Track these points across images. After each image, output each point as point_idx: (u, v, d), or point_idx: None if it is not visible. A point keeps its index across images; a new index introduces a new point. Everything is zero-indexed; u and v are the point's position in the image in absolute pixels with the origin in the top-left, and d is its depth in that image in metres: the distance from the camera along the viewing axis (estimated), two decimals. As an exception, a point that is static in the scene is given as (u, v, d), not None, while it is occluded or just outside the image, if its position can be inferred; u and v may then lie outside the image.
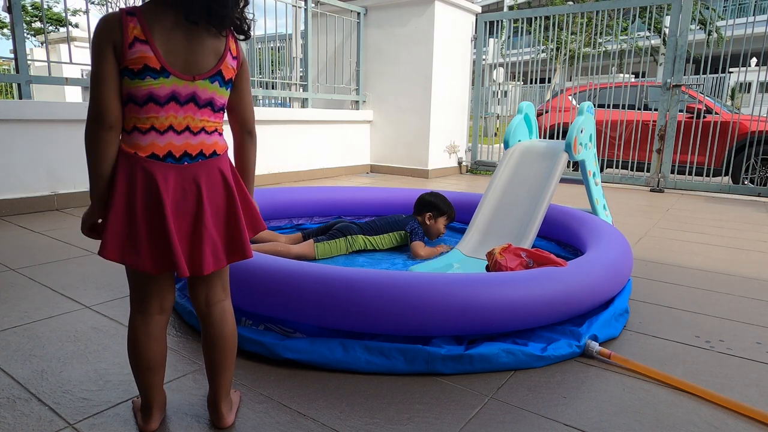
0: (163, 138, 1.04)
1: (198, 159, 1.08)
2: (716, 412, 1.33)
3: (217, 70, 1.08)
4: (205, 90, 1.07)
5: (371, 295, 1.50)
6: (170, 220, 1.04)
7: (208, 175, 1.09)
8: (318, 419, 1.26)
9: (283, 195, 3.15)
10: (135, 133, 1.04)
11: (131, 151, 1.04)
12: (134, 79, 1.01)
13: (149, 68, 1.01)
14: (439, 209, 2.83)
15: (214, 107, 1.10)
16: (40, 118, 3.58)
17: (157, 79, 1.02)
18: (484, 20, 6.69)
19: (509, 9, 21.21)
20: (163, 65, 1.02)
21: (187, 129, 1.07)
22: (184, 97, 1.05)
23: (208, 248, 1.08)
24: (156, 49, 1.01)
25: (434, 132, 6.23)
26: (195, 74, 1.05)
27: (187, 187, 1.07)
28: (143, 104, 1.03)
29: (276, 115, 5.50)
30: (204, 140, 1.09)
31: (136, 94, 1.02)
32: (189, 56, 1.04)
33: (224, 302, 1.21)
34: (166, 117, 1.04)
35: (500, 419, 1.28)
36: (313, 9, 5.85)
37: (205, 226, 1.07)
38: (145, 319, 1.14)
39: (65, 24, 8.31)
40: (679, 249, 3.06)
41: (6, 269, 2.35)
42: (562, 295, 1.65)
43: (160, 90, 1.03)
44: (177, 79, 1.04)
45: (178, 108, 1.05)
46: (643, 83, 6.21)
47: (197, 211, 1.08)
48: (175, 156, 1.06)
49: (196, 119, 1.08)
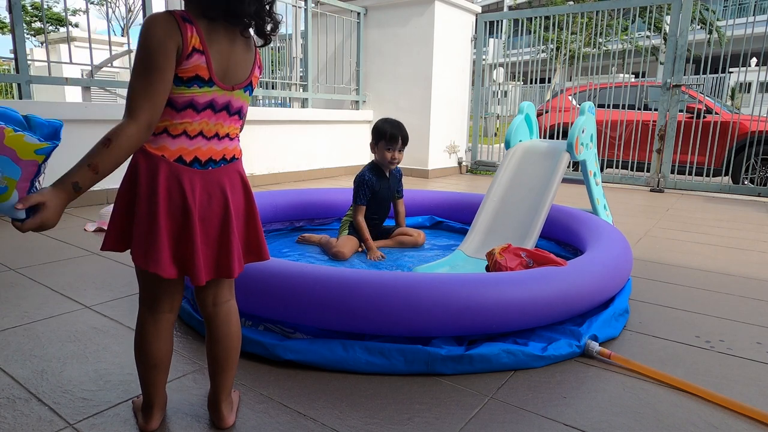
0: (192, 143, 1.05)
1: (221, 164, 1.09)
2: (716, 412, 1.33)
3: (250, 81, 1.10)
4: (239, 99, 1.10)
5: (371, 296, 1.50)
6: (197, 227, 1.05)
7: (230, 180, 1.11)
8: (318, 419, 1.26)
9: (284, 197, 3.14)
10: (164, 136, 1.03)
11: (158, 153, 1.03)
12: (180, 86, 1.01)
13: (199, 78, 1.01)
14: (376, 133, 2.62)
15: (242, 115, 1.13)
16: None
17: (202, 88, 1.02)
18: (484, 20, 6.69)
19: (509, 9, 21.20)
20: (212, 76, 1.02)
21: (215, 135, 1.08)
22: (219, 105, 1.06)
23: (235, 253, 1.10)
24: (210, 61, 1.01)
25: (434, 132, 6.23)
26: (234, 84, 1.07)
27: (213, 192, 1.08)
28: (181, 110, 1.02)
29: (276, 115, 5.50)
30: (227, 146, 1.11)
31: (176, 100, 1.02)
32: (230, 66, 1.05)
33: (230, 302, 1.21)
34: (199, 123, 1.05)
35: (500, 419, 1.28)
36: (313, 9, 5.85)
37: (232, 232, 1.09)
38: (155, 318, 1.15)
39: (65, 24, 8.30)
40: (679, 249, 3.06)
41: (6, 269, 2.35)
42: (562, 295, 1.65)
43: (201, 98, 1.03)
44: (218, 89, 1.05)
45: (212, 115, 1.06)
46: (643, 83, 6.21)
47: (224, 216, 1.09)
48: (201, 161, 1.06)
49: (225, 126, 1.09)
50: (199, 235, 1.05)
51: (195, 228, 1.04)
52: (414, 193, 3.54)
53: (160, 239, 1.02)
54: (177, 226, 1.04)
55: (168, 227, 1.03)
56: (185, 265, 1.06)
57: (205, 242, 1.07)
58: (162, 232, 1.02)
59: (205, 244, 1.07)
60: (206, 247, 1.08)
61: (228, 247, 1.09)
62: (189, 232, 1.04)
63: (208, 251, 1.08)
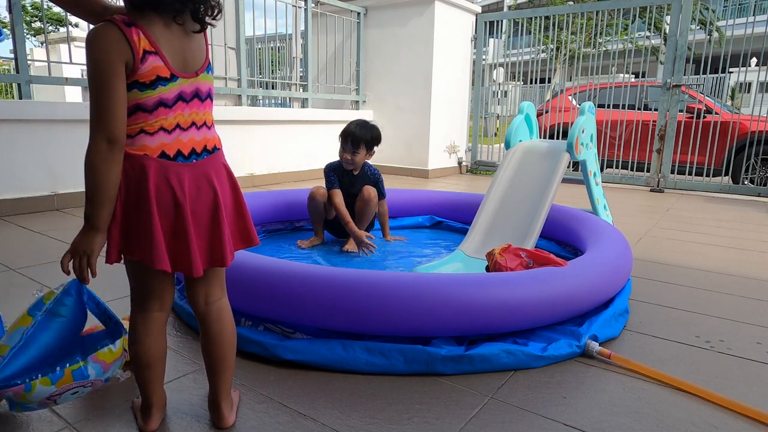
0: (171, 136, 1.05)
1: (204, 155, 1.09)
2: (716, 412, 1.33)
3: (209, 60, 1.10)
4: (205, 82, 1.10)
5: (371, 297, 1.50)
6: (189, 220, 1.05)
7: (216, 171, 1.11)
8: (318, 419, 1.26)
9: (285, 197, 3.14)
10: (142, 135, 1.03)
11: (140, 153, 1.03)
12: (145, 90, 1.00)
13: (161, 78, 1.00)
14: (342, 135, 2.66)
15: (211, 98, 1.13)
16: (40, 118, 3.58)
17: (167, 85, 1.02)
18: (484, 20, 6.69)
19: (509, 9, 21.21)
20: (173, 72, 1.02)
21: (193, 125, 1.08)
22: (189, 94, 1.06)
23: (227, 242, 1.11)
24: (165, 58, 1.00)
25: (434, 132, 6.23)
26: (196, 69, 1.07)
27: (201, 184, 1.08)
28: (153, 110, 1.02)
29: (276, 115, 5.50)
30: (206, 135, 1.11)
31: (146, 103, 1.01)
32: (186, 54, 1.05)
33: (222, 300, 1.21)
34: (174, 117, 1.05)
35: (500, 419, 1.28)
36: (313, 9, 5.85)
37: (223, 222, 1.10)
38: (145, 316, 1.15)
39: (65, 24, 8.31)
40: (679, 249, 3.06)
41: (6, 269, 2.35)
42: (562, 295, 1.65)
43: (169, 94, 1.03)
44: (183, 80, 1.05)
45: (185, 106, 1.06)
46: (643, 83, 6.21)
47: (214, 207, 1.10)
48: (185, 154, 1.06)
49: (200, 113, 1.09)
50: (192, 226, 1.06)
51: (188, 221, 1.05)
52: (414, 193, 3.54)
53: (155, 235, 1.03)
54: (169, 222, 1.05)
55: (161, 223, 1.04)
56: (180, 259, 1.07)
57: (197, 234, 1.08)
58: (156, 227, 1.03)
59: (197, 235, 1.08)
60: (199, 238, 1.08)
61: (220, 237, 1.10)
62: (182, 225, 1.05)
63: (201, 242, 1.09)
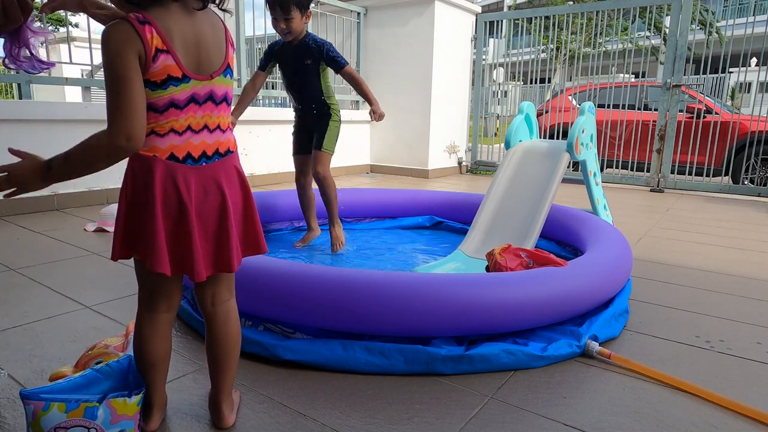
0: (181, 138, 1.04)
1: (215, 159, 1.09)
2: (716, 412, 1.33)
3: (227, 63, 1.08)
4: (221, 86, 1.08)
5: (371, 296, 1.50)
6: (194, 223, 1.04)
7: (226, 174, 1.10)
8: (318, 419, 1.26)
9: (285, 198, 3.14)
10: (152, 136, 1.02)
11: (149, 154, 1.02)
12: (156, 90, 0.99)
13: (172, 78, 0.99)
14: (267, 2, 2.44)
15: (228, 101, 1.11)
16: (40, 119, 3.58)
17: (179, 86, 1.01)
18: (484, 20, 6.69)
19: (509, 9, 21.20)
20: (185, 72, 1.01)
21: (205, 128, 1.07)
22: (202, 97, 1.05)
23: (234, 247, 1.10)
24: (177, 58, 0.99)
25: (434, 132, 6.23)
26: (211, 72, 1.06)
27: (209, 187, 1.07)
28: (164, 111, 1.02)
29: (276, 115, 5.50)
30: (219, 138, 1.10)
31: (156, 103, 1.00)
32: (201, 55, 1.04)
33: (229, 302, 1.21)
34: (186, 118, 1.04)
35: (500, 419, 1.28)
36: (313, 9, 5.84)
37: (230, 226, 1.09)
38: (152, 317, 1.15)
39: (65, 24, 8.31)
40: (679, 249, 3.06)
41: (6, 269, 2.35)
42: (562, 296, 1.65)
43: (181, 95, 1.02)
44: (196, 82, 1.03)
45: (197, 108, 1.05)
46: (643, 83, 6.21)
47: (222, 211, 1.09)
48: (194, 157, 1.05)
49: (213, 117, 1.08)
50: (197, 230, 1.05)
51: (192, 224, 1.04)
52: (414, 193, 3.54)
53: (157, 237, 1.02)
54: (173, 224, 1.04)
55: (164, 225, 1.03)
56: (184, 262, 1.06)
57: (203, 237, 1.07)
58: (159, 229, 1.02)
59: (203, 239, 1.07)
60: (205, 242, 1.08)
61: (227, 242, 1.09)
62: (186, 228, 1.04)
63: (207, 246, 1.08)
